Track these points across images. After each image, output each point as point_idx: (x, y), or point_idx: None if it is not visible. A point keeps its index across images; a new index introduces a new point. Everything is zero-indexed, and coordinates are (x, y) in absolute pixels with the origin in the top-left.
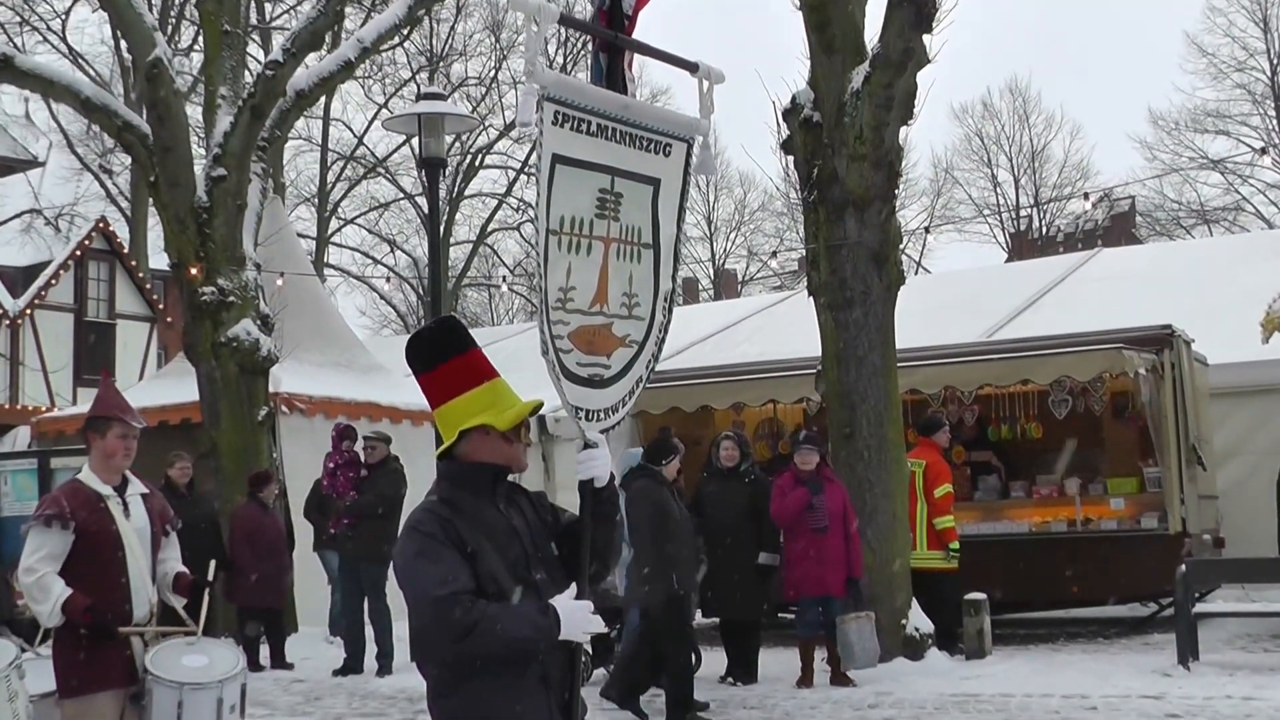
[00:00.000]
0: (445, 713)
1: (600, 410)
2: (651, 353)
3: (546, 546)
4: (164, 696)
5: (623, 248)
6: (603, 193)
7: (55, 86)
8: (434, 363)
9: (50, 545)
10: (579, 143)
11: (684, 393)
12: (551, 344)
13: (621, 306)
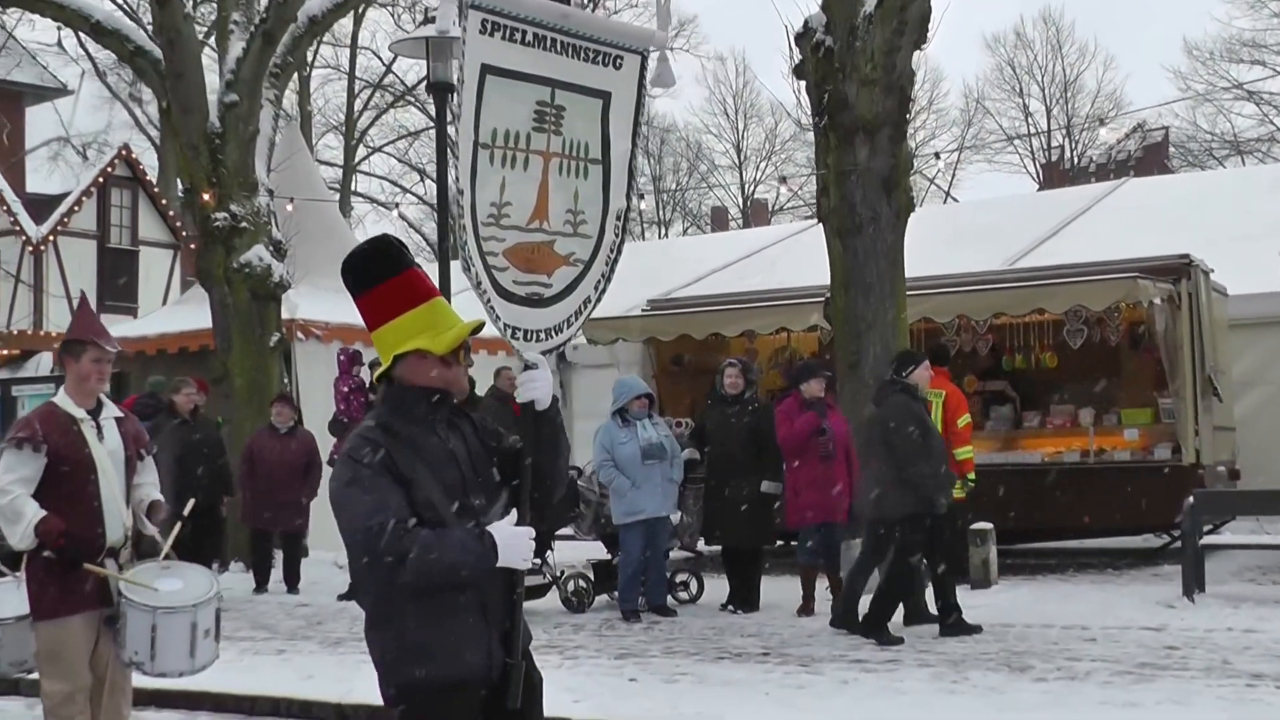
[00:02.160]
0: (379, 644)
1: (541, 330)
2: (601, 272)
3: (488, 471)
4: (137, 620)
5: (566, 163)
6: (541, 105)
7: (66, 10)
8: (368, 284)
9: (23, 468)
10: (513, 53)
11: (694, 319)
12: (481, 261)
13: (565, 224)
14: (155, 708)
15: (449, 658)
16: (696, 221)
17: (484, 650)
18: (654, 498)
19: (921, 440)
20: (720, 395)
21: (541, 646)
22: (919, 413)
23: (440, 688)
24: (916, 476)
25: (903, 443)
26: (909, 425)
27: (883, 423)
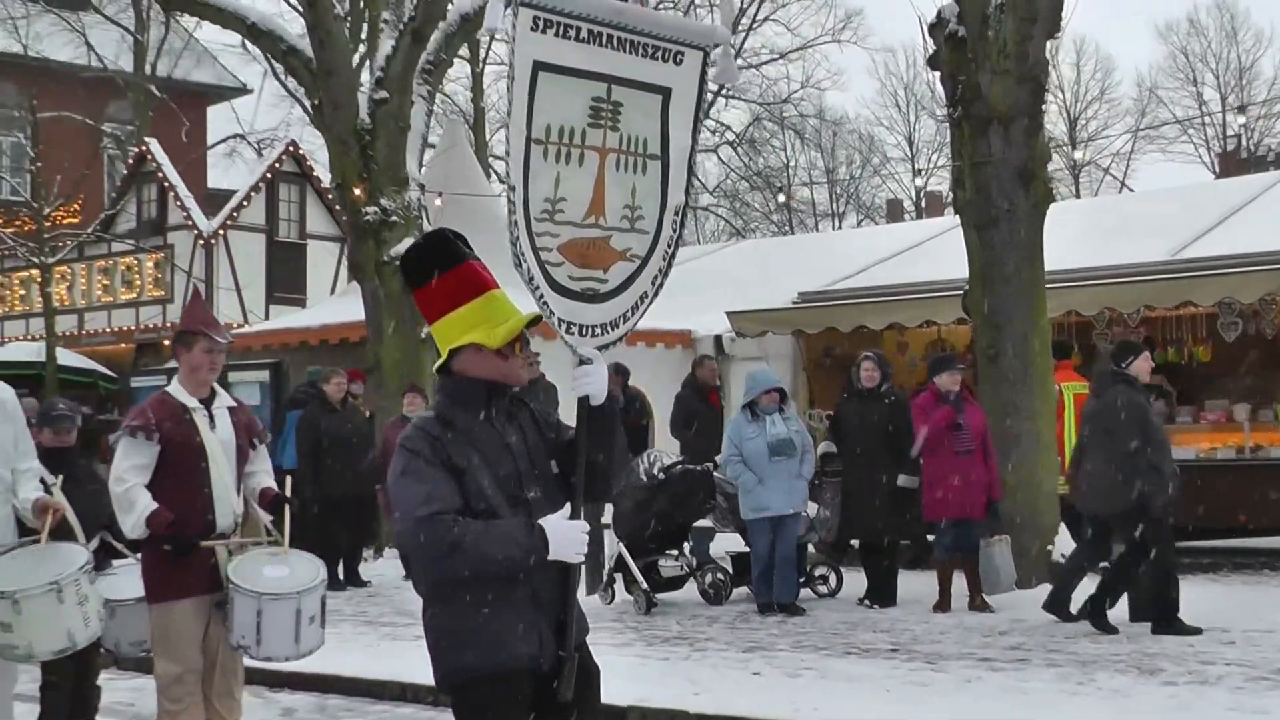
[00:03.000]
0: (432, 631)
1: (596, 326)
2: (659, 268)
3: (545, 464)
4: (244, 605)
5: (623, 158)
6: (597, 101)
7: (223, 13)
8: (425, 278)
9: (137, 456)
10: (566, 49)
11: (841, 312)
12: (534, 256)
13: (622, 219)
14: (289, 689)
15: (499, 647)
16: (870, 214)
17: (535, 641)
18: (780, 494)
19: (1141, 432)
20: (857, 389)
21: (673, 638)
22: (1140, 403)
23: (489, 676)
24: (1134, 469)
25: (1120, 434)
26: (1128, 417)
27: (1101, 414)
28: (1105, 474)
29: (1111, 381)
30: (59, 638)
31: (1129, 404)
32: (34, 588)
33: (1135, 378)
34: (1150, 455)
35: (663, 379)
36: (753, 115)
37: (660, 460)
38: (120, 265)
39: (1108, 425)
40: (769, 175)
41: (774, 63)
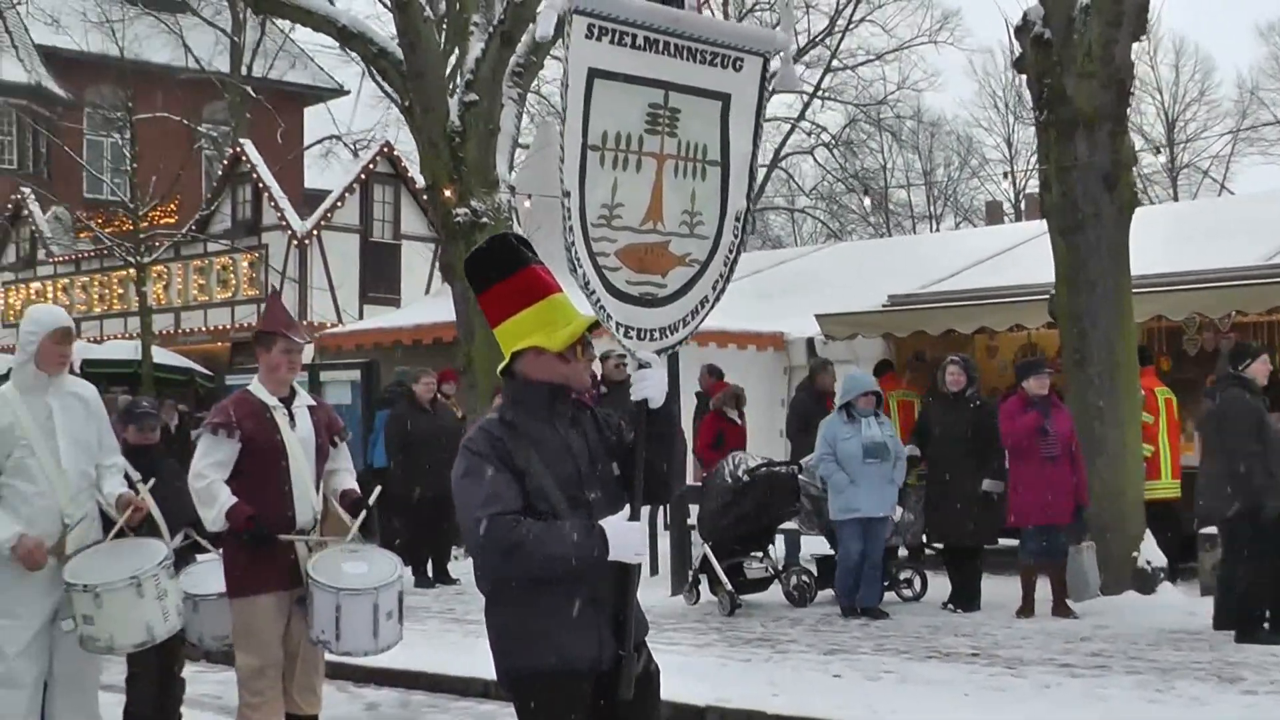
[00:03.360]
0: (495, 628)
1: (654, 330)
2: (719, 273)
3: (606, 465)
4: (323, 600)
5: (682, 164)
6: (654, 107)
7: (314, 16)
8: (489, 283)
9: (217, 452)
10: (622, 56)
11: (930, 315)
12: (590, 261)
13: (681, 224)
14: (374, 685)
15: (558, 646)
16: (968, 216)
17: (594, 640)
18: (871, 497)
19: (1256, 436)
20: (942, 393)
21: (755, 640)
22: (1256, 407)
23: (548, 674)
24: (1245, 473)
25: (1233, 438)
26: (1242, 420)
27: (1215, 418)
28: (1217, 478)
29: (1226, 384)
30: (139, 631)
31: (1243, 407)
32: (115, 582)
33: (1251, 380)
34: (1266, 460)
35: (754, 381)
36: (849, 117)
37: (745, 462)
38: (216, 265)
39: (1221, 429)
40: (865, 177)
41: (870, 64)
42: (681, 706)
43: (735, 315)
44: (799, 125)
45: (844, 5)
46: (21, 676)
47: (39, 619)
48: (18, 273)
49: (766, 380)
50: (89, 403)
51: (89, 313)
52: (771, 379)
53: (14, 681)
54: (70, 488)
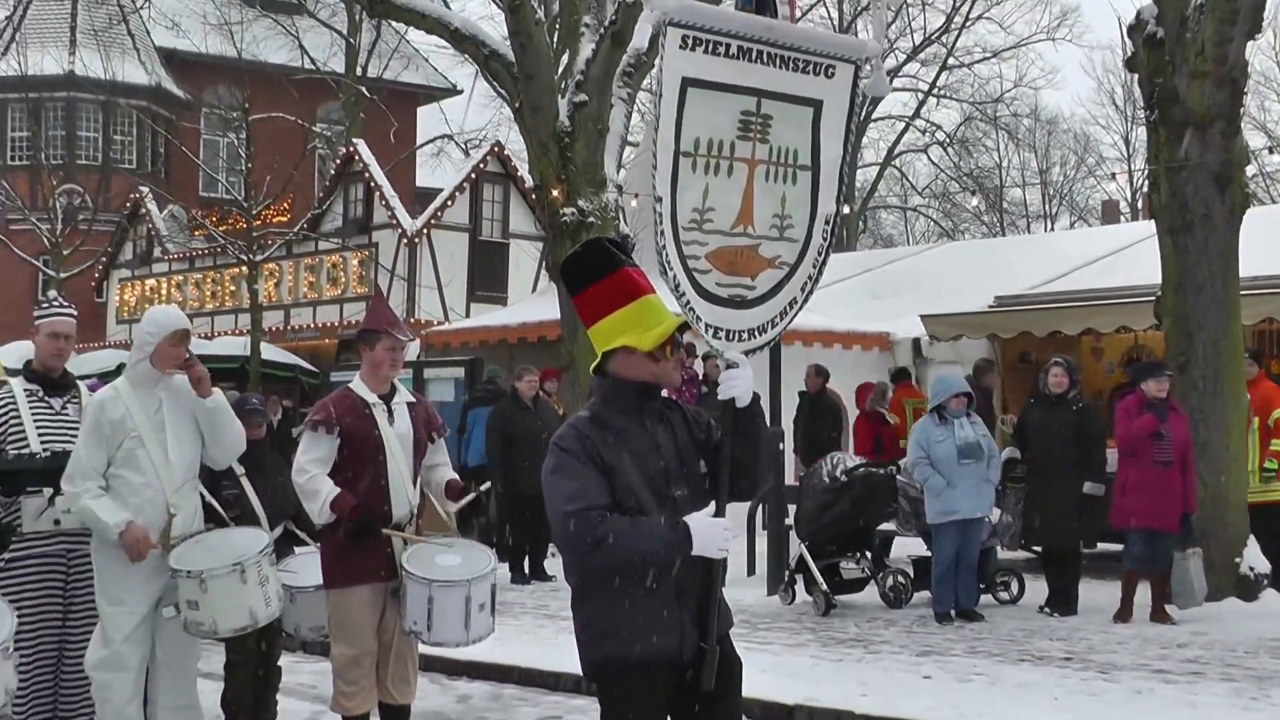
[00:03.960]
0: (581, 620)
1: (743, 330)
2: (808, 274)
3: (694, 463)
4: (416, 592)
5: (773, 169)
6: (746, 114)
7: (427, 19)
8: (582, 285)
9: (318, 448)
10: (715, 65)
11: (1035, 317)
12: (681, 264)
13: (771, 228)
14: (467, 678)
15: (640, 638)
16: (1084, 215)
17: (676, 633)
18: (969, 498)
19: None
20: (1044, 394)
21: (848, 640)
22: None
23: (631, 666)
24: None
25: None
26: None
27: None
28: None
29: None
30: (241, 615)
31: None
32: (219, 568)
33: None
34: None
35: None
36: (964, 115)
37: (844, 462)
38: (327, 263)
39: None
40: (979, 176)
41: (986, 61)
42: (771, 705)
43: (842, 315)
44: (913, 124)
45: (961, 3)
46: (127, 660)
47: (144, 606)
48: (134, 270)
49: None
50: None
51: (201, 309)
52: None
53: (120, 665)
54: (176, 479)
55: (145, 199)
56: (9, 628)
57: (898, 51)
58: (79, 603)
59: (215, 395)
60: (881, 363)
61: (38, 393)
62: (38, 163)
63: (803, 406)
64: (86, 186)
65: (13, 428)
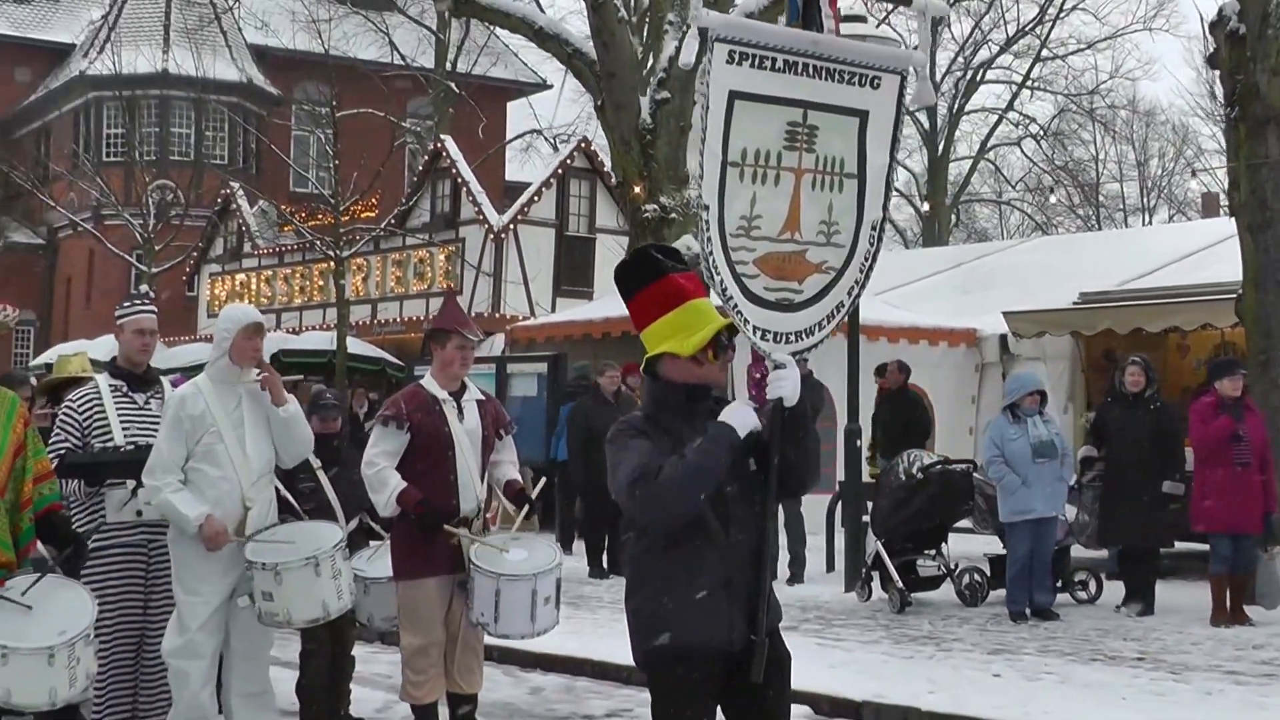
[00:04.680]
0: (632, 610)
1: (790, 333)
2: (855, 279)
3: (743, 460)
4: (483, 585)
5: (819, 177)
6: (792, 125)
7: (511, 18)
8: (632, 291)
9: (387, 443)
10: (761, 79)
11: (1117, 314)
12: (729, 269)
13: (818, 234)
14: (541, 670)
15: (690, 627)
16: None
17: (724, 623)
18: (1043, 497)
19: None
20: (1121, 393)
21: (921, 638)
22: None
23: (680, 655)
24: None
25: None
26: None
27: None
28: None
29: None
30: (314, 607)
31: None
32: (293, 561)
33: None
34: None
35: (946, 378)
36: (1058, 107)
37: (920, 460)
38: (414, 258)
39: None
40: (1074, 169)
41: (1081, 53)
42: (839, 700)
43: (930, 310)
44: (1006, 116)
45: None
46: (201, 648)
47: (219, 596)
48: (224, 264)
49: (957, 378)
50: None
51: (290, 304)
52: (962, 376)
53: (195, 652)
54: (252, 474)
55: (235, 194)
56: (91, 615)
57: (991, 44)
58: (159, 592)
59: (290, 405)
60: (968, 359)
61: (122, 388)
62: (131, 159)
63: (883, 403)
64: (179, 182)
65: (98, 422)
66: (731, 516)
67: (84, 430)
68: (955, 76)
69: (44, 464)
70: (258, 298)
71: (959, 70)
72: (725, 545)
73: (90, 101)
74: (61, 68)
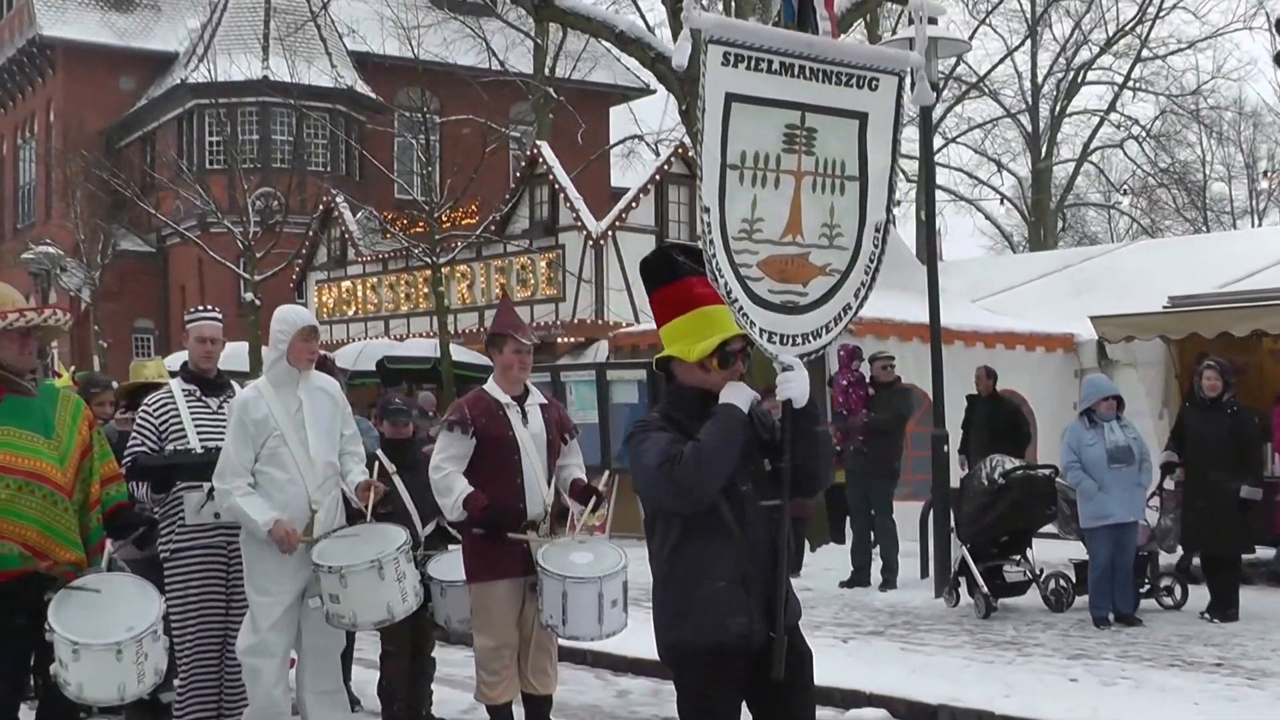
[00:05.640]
0: (658, 607)
1: (796, 335)
2: (860, 280)
3: (758, 460)
4: (551, 587)
5: (820, 180)
6: (790, 128)
7: (593, 23)
8: (650, 290)
9: (453, 447)
10: (758, 81)
11: (1204, 317)
12: (732, 271)
13: (821, 237)
14: (631, 674)
15: (712, 624)
16: None
17: (744, 620)
18: (1120, 502)
19: None
20: (1199, 398)
21: (1003, 642)
22: None
23: (702, 650)
24: None
25: None
26: None
27: None
28: None
29: None
30: (379, 610)
31: None
32: (358, 564)
33: None
34: None
35: (1046, 384)
36: (1160, 108)
37: (1002, 465)
38: (516, 264)
39: None
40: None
41: (1181, 53)
42: (915, 704)
43: (1030, 315)
44: (1108, 118)
45: None
46: (273, 647)
47: (289, 596)
48: (330, 271)
49: (1056, 383)
50: (334, 397)
51: (396, 310)
52: (1061, 382)
53: (267, 651)
54: (318, 475)
55: (336, 201)
56: (157, 612)
57: (1091, 44)
58: (240, 592)
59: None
60: (1067, 365)
61: (195, 392)
62: (233, 166)
63: (974, 409)
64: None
65: (173, 426)
66: (747, 515)
67: (160, 434)
68: (1056, 78)
69: (111, 466)
70: (364, 305)
71: (1060, 71)
72: (742, 544)
73: (192, 109)
74: (164, 76)
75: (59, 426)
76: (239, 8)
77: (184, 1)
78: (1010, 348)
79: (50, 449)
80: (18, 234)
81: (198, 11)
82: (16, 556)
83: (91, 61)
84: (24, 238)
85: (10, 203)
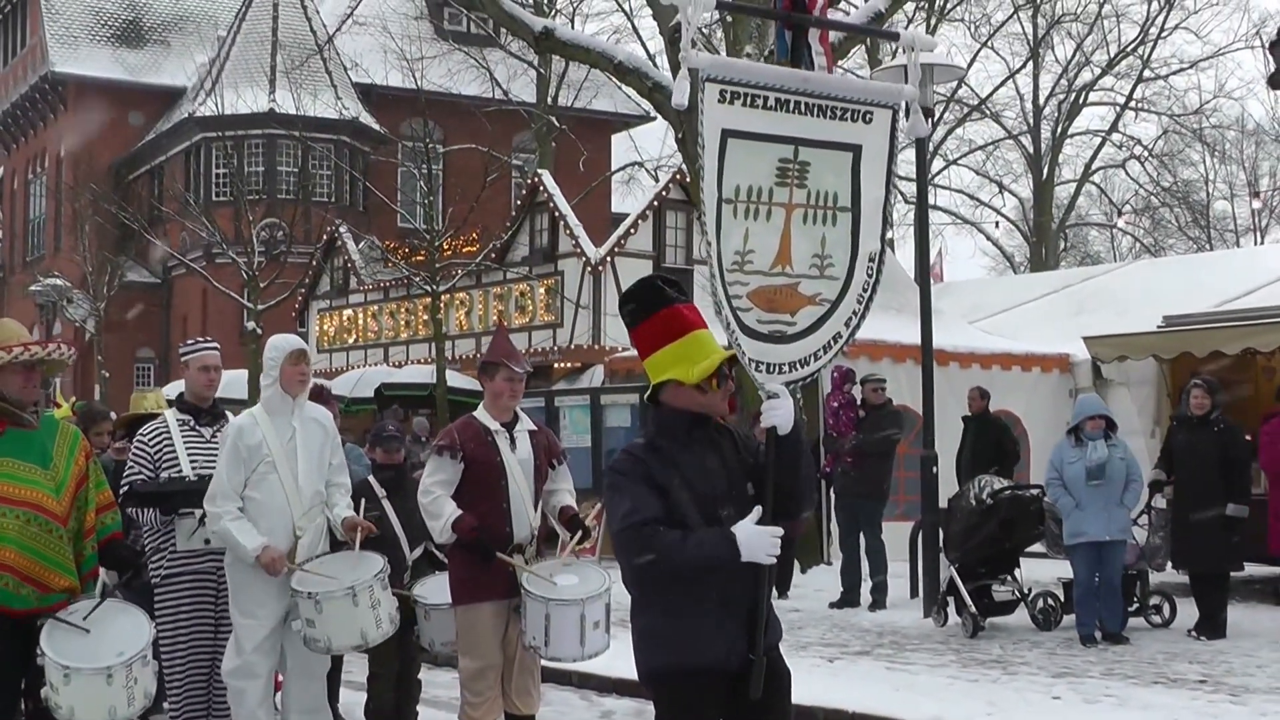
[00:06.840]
0: (637, 630)
1: (783, 364)
2: (852, 309)
3: (741, 485)
4: (534, 609)
5: (811, 212)
6: (784, 162)
7: (592, 54)
8: (636, 320)
9: (442, 472)
10: (753, 117)
11: (1194, 337)
12: (727, 304)
13: (811, 267)
14: (615, 694)
15: (690, 647)
16: None
17: (723, 642)
18: (1096, 520)
19: None
20: (1186, 416)
21: (989, 661)
22: None
23: (680, 673)
24: None
25: None
26: None
27: None
28: None
29: None
30: (353, 635)
31: None
32: (334, 591)
33: None
34: None
35: (1041, 404)
36: (1162, 128)
37: (990, 485)
38: (515, 291)
39: None
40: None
41: (1183, 72)
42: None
43: (1023, 336)
44: (1109, 138)
45: (1156, 13)
46: (257, 668)
47: (273, 619)
48: (332, 300)
49: (1051, 404)
50: (326, 428)
51: (396, 338)
52: (1056, 402)
53: (251, 673)
54: (304, 503)
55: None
56: (147, 637)
57: (1093, 65)
58: (228, 616)
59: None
60: (1061, 385)
61: (189, 422)
62: (239, 197)
63: (968, 429)
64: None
65: (167, 455)
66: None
67: (155, 462)
68: (1058, 99)
69: (106, 495)
70: (364, 332)
71: (1061, 93)
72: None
73: (199, 142)
74: (173, 110)
75: (56, 457)
76: (247, 42)
77: (193, 37)
78: (1006, 368)
79: (46, 479)
80: (27, 266)
81: (206, 46)
82: (33, 598)
83: (102, 97)
84: (33, 270)
85: (21, 236)
